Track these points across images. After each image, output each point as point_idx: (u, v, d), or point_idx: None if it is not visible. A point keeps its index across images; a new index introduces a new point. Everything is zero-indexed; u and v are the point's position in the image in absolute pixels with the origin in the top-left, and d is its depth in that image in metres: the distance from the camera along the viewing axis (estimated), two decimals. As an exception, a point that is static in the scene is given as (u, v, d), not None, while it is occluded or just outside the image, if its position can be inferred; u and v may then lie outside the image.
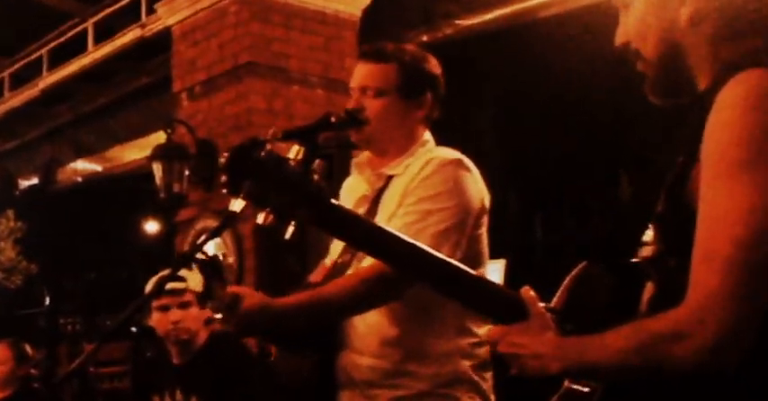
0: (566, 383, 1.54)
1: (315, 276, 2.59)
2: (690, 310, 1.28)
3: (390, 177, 2.46)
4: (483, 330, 2.41)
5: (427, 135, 2.53)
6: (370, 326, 2.37)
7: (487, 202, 2.45)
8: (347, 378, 2.40)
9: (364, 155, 2.54)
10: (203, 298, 3.33)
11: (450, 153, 2.43)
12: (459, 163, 2.39)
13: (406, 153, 2.46)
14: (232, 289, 2.27)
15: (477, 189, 2.41)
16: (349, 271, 2.40)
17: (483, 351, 2.40)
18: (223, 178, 1.63)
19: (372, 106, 2.41)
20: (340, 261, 2.46)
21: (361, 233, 1.65)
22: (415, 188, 2.36)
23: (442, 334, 2.37)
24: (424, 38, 6.30)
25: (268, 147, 1.63)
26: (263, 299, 2.26)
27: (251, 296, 2.26)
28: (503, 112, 7.41)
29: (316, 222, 1.61)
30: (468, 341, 2.39)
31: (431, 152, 2.45)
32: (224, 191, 1.64)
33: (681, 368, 1.28)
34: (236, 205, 1.64)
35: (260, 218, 1.59)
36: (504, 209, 6.85)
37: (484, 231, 2.44)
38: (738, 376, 1.29)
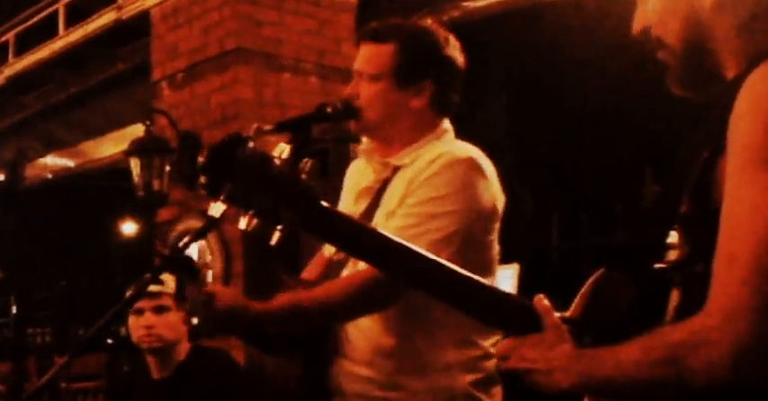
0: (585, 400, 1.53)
1: (311, 269, 2.58)
2: (709, 317, 1.28)
3: (397, 168, 2.42)
4: (489, 342, 2.40)
5: (446, 124, 2.47)
6: (363, 334, 2.37)
7: (501, 206, 2.41)
8: (338, 389, 2.39)
9: (369, 142, 2.50)
10: (176, 300, 3.36)
11: (464, 150, 2.38)
12: (470, 162, 2.33)
13: (416, 143, 2.41)
14: (207, 288, 2.28)
15: (490, 192, 2.36)
16: (345, 271, 2.39)
17: (489, 365, 2.37)
18: (202, 179, 1.62)
19: (365, 93, 2.39)
20: (335, 258, 2.46)
21: (354, 238, 1.63)
22: (418, 187, 2.32)
23: (440, 345, 2.35)
24: (428, 21, 6.29)
25: (251, 144, 1.61)
26: (244, 299, 2.27)
27: (230, 293, 2.27)
28: (513, 103, 7.40)
29: (303, 226, 1.60)
30: (470, 354, 2.37)
31: (445, 145, 2.40)
32: (203, 193, 1.62)
33: (700, 381, 1.28)
34: (216, 209, 1.63)
35: (242, 223, 1.58)
36: (516, 209, 6.83)
37: (495, 238, 2.41)
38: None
